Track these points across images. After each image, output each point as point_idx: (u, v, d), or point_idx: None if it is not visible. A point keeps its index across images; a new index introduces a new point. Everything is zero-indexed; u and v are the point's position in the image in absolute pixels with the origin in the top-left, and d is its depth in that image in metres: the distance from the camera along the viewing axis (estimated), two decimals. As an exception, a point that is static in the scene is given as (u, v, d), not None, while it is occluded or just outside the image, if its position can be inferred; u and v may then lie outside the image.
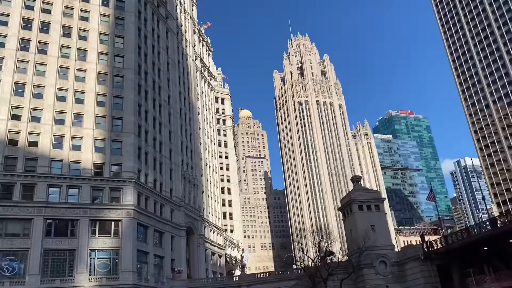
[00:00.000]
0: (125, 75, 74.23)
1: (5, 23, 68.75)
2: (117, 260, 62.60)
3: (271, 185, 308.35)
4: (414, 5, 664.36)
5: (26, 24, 70.18)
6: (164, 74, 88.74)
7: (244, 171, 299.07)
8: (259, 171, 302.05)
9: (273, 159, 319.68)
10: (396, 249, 77.33)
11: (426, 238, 68.96)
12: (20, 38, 68.70)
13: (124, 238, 63.56)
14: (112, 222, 64.42)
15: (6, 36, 67.89)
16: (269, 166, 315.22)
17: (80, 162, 65.60)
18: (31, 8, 71.55)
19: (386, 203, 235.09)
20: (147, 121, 77.07)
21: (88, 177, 64.66)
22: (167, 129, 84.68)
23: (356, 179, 76.25)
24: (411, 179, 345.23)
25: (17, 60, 67.21)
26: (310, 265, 71.81)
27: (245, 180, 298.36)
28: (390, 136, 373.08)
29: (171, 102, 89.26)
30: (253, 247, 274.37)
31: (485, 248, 53.90)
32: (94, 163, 66.45)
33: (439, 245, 58.46)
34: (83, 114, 68.65)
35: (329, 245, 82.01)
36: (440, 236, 62.66)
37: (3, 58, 66.34)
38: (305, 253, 79.28)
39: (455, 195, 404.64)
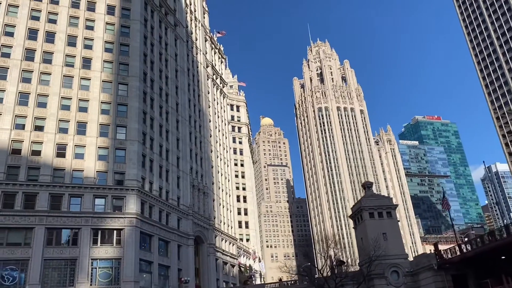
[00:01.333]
0: (130, 82, 73.83)
1: (10, 34, 69.54)
2: (119, 270, 61.51)
3: (294, 194, 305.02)
4: (436, 6, 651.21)
5: (32, 34, 70.82)
6: (172, 82, 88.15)
7: (265, 180, 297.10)
8: (281, 179, 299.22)
9: (295, 167, 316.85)
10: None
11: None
12: (25, 48, 69.30)
13: (126, 247, 62.48)
14: (114, 231, 63.50)
15: (12, 46, 68.57)
16: (291, 174, 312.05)
17: (83, 170, 65.15)
18: (36, 18, 72.26)
19: (411, 211, 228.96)
20: (152, 128, 76.35)
21: (90, 185, 64.09)
22: (174, 136, 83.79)
23: (367, 185, 73.04)
24: (439, 186, 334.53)
25: (22, 70, 67.68)
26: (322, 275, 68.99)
27: (267, 189, 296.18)
28: (416, 142, 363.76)
29: (179, 109, 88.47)
30: (276, 256, 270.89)
31: (503, 257, 50.06)
32: (97, 171, 65.88)
33: (453, 254, 54.71)
34: (86, 123, 68.39)
35: (341, 254, 78.99)
36: (454, 244, 58.76)
37: (8, 68, 66.91)
38: (323, 262, 76.31)
39: (486, 202, 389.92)
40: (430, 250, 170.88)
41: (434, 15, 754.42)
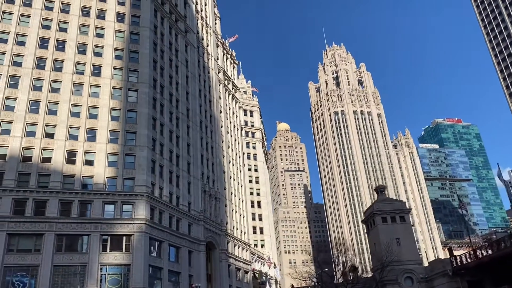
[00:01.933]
0: (139, 89, 74.15)
1: (22, 43, 70.69)
2: (128, 276, 61.35)
3: (311, 199, 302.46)
4: (454, 6, 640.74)
5: (43, 43, 71.83)
6: (182, 88, 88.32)
7: (283, 185, 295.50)
8: (298, 185, 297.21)
9: (312, 172, 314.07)
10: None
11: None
12: (37, 57, 70.29)
13: (135, 253, 62.31)
14: (124, 237, 63.40)
15: (23, 55, 69.65)
16: (308, 179, 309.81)
17: (93, 176, 65.47)
18: (47, 27, 73.31)
19: (431, 215, 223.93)
20: (162, 134, 76.44)
21: (100, 191, 64.30)
22: (185, 142, 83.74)
23: (380, 189, 71.60)
24: (461, 190, 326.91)
25: (33, 78, 68.60)
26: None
27: (284, 194, 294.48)
28: (436, 146, 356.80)
29: (190, 115, 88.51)
30: (294, 262, 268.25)
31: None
32: (106, 177, 66.10)
33: (468, 260, 52.76)
34: (96, 129, 68.80)
35: (358, 260, 77.40)
36: (469, 249, 56.65)
37: (20, 77, 67.94)
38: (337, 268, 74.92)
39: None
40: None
41: (451, 16, 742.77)
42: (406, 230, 64.71)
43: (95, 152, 67.15)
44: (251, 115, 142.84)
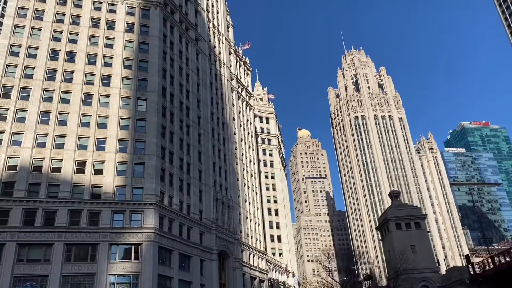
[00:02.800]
0: (149, 97, 74.32)
1: (33, 56, 71.93)
2: (137, 285, 60.86)
3: (334, 206, 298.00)
4: (474, 4, 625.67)
5: (53, 55, 72.95)
6: (193, 95, 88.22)
7: (304, 192, 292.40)
8: (320, 192, 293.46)
9: (335, 179, 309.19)
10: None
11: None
12: (47, 69, 71.36)
13: (144, 262, 61.89)
14: (133, 246, 63.15)
15: (34, 67, 70.82)
16: (330, 186, 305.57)
17: (102, 186, 65.60)
18: (58, 39, 74.49)
19: (457, 222, 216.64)
20: (172, 142, 76.27)
21: (108, 201, 64.35)
22: (196, 150, 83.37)
23: (394, 195, 69.19)
24: (490, 195, 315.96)
25: (44, 90, 69.61)
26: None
27: (306, 202, 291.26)
28: (463, 150, 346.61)
29: (201, 123, 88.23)
30: (317, 271, 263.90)
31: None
32: (115, 186, 66.13)
33: (487, 267, 50.01)
34: (105, 139, 69.10)
35: (372, 268, 74.93)
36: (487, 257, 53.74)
37: (31, 89, 69.04)
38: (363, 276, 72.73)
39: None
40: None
41: (475, 13, 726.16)
42: (422, 237, 62.09)
43: (104, 162, 67.37)
44: (267, 122, 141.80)
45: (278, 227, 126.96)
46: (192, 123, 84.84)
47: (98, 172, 66.55)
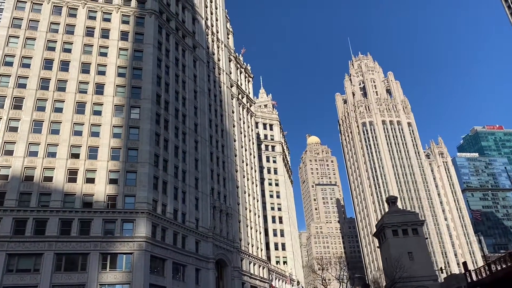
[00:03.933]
0: (142, 105, 73.88)
1: (27, 65, 72.17)
2: (128, 296, 59.87)
3: (345, 213, 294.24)
4: (484, 6, 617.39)
5: (47, 64, 73.09)
6: (190, 103, 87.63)
7: (314, 199, 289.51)
8: (331, 199, 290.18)
9: (345, 186, 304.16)
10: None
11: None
12: (41, 78, 71.46)
13: (135, 271, 60.94)
14: (124, 256, 62.26)
15: (28, 77, 70.97)
16: (341, 193, 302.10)
17: (93, 194, 65.03)
18: (52, 49, 74.68)
19: (470, 228, 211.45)
20: (167, 150, 75.58)
21: (100, 209, 63.68)
22: (192, 157, 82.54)
23: (391, 200, 67.42)
24: (505, 200, 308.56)
25: (37, 99, 69.62)
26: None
27: (316, 209, 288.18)
28: (476, 154, 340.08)
29: (198, 130, 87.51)
30: (329, 279, 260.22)
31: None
32: (107, 195, 65.54)
33: (483, 275, 47.90)
34: (98, 147, 68.66)
35: (375, 276, 72.84)
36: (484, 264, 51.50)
37: (24, 98, 69.13)
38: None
39: None
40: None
41: (485, 16, 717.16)
42: (419, 244, 59.99)
43: (96, 170, 66.89)
44: (271, 129, 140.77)
45: (282, 235, 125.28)
46: (189, 130, 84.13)
47: (90, 180, 66.06)
